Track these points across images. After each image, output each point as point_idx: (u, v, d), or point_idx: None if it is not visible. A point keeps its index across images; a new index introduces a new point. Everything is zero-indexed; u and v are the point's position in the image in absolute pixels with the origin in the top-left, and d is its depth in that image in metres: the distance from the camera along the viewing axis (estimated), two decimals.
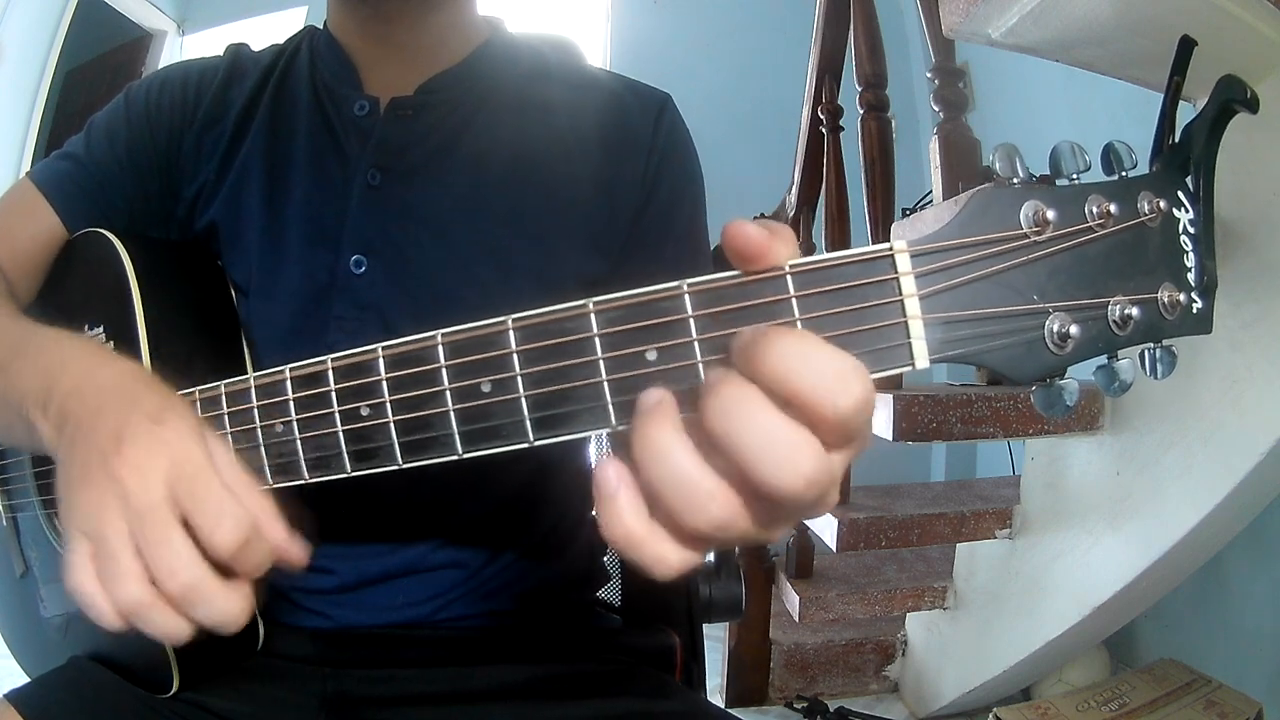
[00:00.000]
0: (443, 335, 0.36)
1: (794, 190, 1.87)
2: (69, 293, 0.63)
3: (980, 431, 1.35)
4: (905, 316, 0.31)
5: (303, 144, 0.63)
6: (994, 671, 1.56)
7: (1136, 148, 0.36)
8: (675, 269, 0.71)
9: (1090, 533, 1.38)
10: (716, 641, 1.95)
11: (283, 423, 0.41)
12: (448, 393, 0.36)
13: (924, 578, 1.72)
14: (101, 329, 0.57)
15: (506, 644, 0.65)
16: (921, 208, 1.83)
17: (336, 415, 0.38)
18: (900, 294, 0.31)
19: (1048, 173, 0.34)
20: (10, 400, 0.45)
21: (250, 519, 0.36)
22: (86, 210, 0.63)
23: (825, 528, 1.51)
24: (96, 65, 3.15)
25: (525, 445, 0.35)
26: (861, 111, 1.63)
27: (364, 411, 0.38)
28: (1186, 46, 0.34)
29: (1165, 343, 0.33)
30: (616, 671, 0.66)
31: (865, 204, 1.58)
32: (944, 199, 1.50)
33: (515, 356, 0.35)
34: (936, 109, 1.58)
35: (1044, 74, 1.99)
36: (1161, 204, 0.32)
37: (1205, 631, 1.64)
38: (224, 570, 0.36)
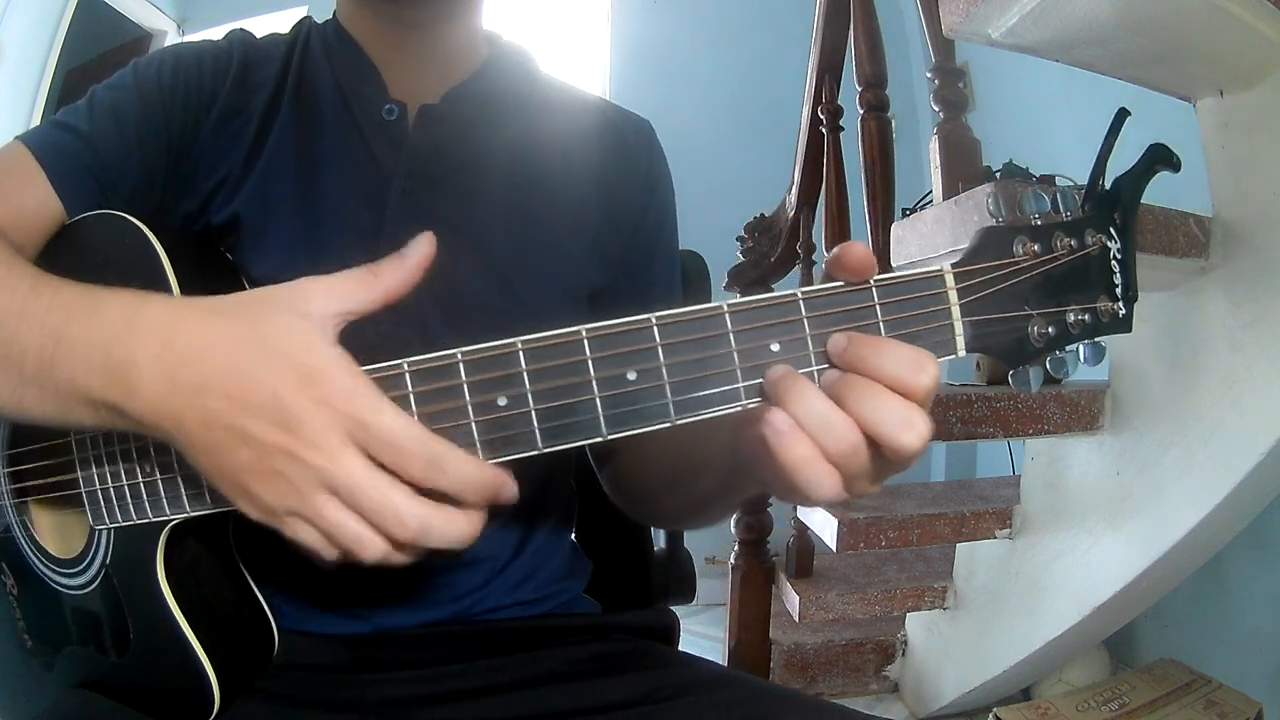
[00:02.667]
0: (587, 330, 0.41)
1: (794, 190, 1.87)
2: (75, 279, 0.59)
3: (980, 431, 1.35)
4: (951, 319, 0.42)
5: (331, 144, 0.63)
6: (994, 671, 1.56)
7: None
8: (657, 285, 0.74)
9: (1090, 533, 1.38)
10: (716, 642, 1.95)
11: None
12: (594, 381, 0.40)
13: (924, 578, 1.72)
14: None
15: (535, 631, 0.66)
16: (921, 208, 1.82)
17: (469, 407, 0.41)
18: (949, 303, 0.42)
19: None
20: (66, 383, 0.42)
21: (437, 447, 0.39)
22: (86, 190, 0.59)
23: (825, 527, 1.51)
24: (96, 65, 3.15)
25: (667, 424, 0.41)
26: (861, 111, 1.62)
27: (501, 401, 0.41)
28: (1121, 118, 0.44)
29: (1097, 339, 0.44)
30: (636, 649, 0.67)
31: (865, 204, 1.58)
32: (944, 199, 1.50)
33: (660, 349, 0.40)
34: (936, 109, 1.57)
35: (1044, 74, 1.99)
36: (1101, 238, 0.43)
37: (1205, 631, 1.64)
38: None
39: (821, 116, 1.75)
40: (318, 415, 0.38)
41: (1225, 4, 0.98)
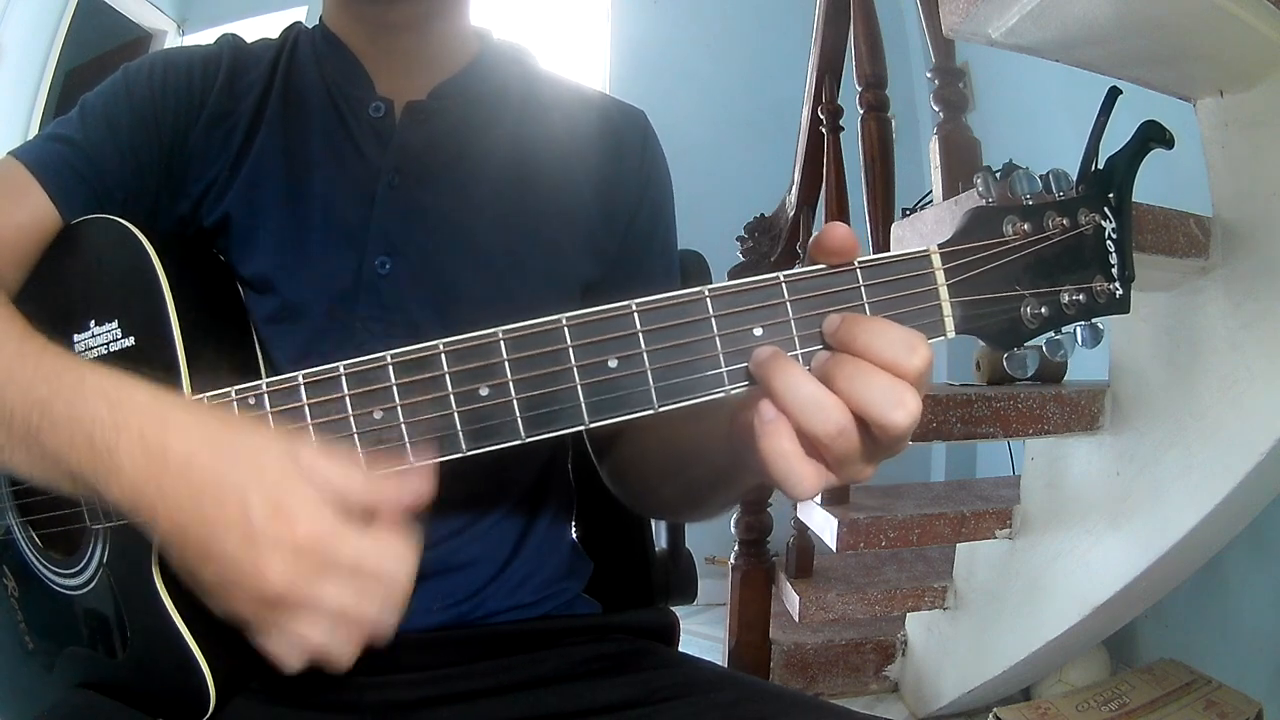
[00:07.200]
0: (567, 319, 0.41)
1: (794, 190, 1.87)
2: (65, 284, 0.59)
3: (980, 431, 1.35)
4: (939, 300, 0.41)
5: (319, 142, 0.63)
6: (994, 671, 1.56)
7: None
8: (653, 279, 0.74)
9: (1090, 533, 1.38)
10: (716, 642, 1.95)
11: (384, 409, 0.42)
12: (575, 369, 0.40)
13: (924, 578, 1.72)
14: (115, 324, 0.54)
15: (534, 633, 0.66)
16: (921, 208, 1.83)
17: (451, 397, 0.41)
18: (936, 283, 0.41)
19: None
20: (50, 455, 0.42)
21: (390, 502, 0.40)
22: (83, 198, 0.59)
23: (825, 527, 1.51)
24: (96, 65, 3.14)
25: (650, 411, 0.41)
26: (861, 111, 1.62)
27: (483, 391, 0.41)
28: (1112, 97, 0.43)
29: (1094, 321, 0.43)
30: (636, 650, 0.67)
31: (865, 204, 1.58)
32: (944, 199, 1.50)
33: (640, 336, 0.40)
34: (936, 109, 1.57)
35: (1044, 74, 1.98)
36: (1095, 217, 0.42)
37: (1205, 631, 1.64)
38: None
39: (821, 116, 1.75)
40: (302, 504, 0.39)
41: (1225, 4, 0.98)
